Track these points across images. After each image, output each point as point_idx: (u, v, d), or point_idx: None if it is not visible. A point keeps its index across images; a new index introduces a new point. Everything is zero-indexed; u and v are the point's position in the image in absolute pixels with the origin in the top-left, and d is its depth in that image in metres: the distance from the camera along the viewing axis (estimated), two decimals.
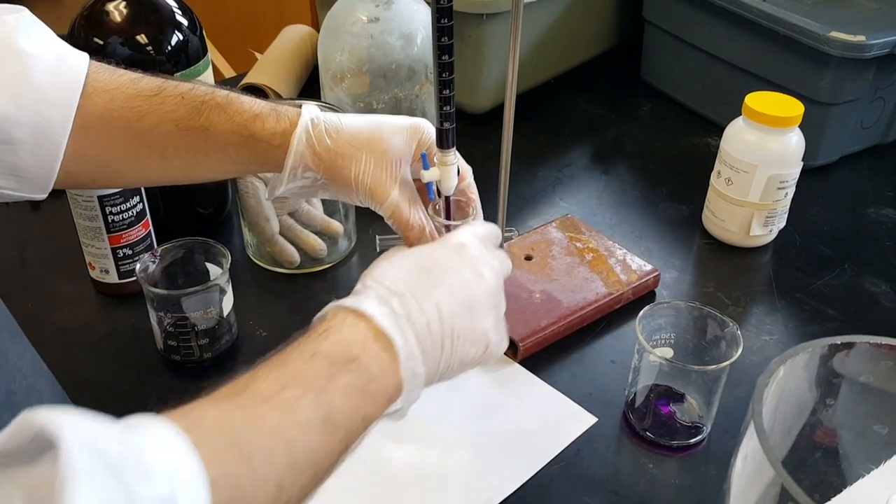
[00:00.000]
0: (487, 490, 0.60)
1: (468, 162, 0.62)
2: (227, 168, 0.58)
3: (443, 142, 0.56)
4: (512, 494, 0.60)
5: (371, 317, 0.46)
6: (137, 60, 0.73)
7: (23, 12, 0.53)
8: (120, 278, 0.76)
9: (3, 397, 0.39)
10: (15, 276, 0.81)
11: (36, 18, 0.55)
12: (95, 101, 0.55)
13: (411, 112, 0.88)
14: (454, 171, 0.58)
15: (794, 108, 0.79)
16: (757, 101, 0.80)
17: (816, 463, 0.44)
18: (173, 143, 0.56)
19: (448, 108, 0.55)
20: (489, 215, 0.83)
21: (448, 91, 0.54)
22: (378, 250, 0.84)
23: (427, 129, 0.59)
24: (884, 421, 0.40)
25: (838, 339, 0.36)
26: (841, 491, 0.45)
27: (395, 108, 0.86)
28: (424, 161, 0.58)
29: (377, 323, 0.46)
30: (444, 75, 0.54)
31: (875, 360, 0.37)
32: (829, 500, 0.45)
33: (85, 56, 0.56)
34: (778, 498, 0.34)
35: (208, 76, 0.79)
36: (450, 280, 0.50)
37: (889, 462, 0.44)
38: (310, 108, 0.58)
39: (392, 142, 0.57)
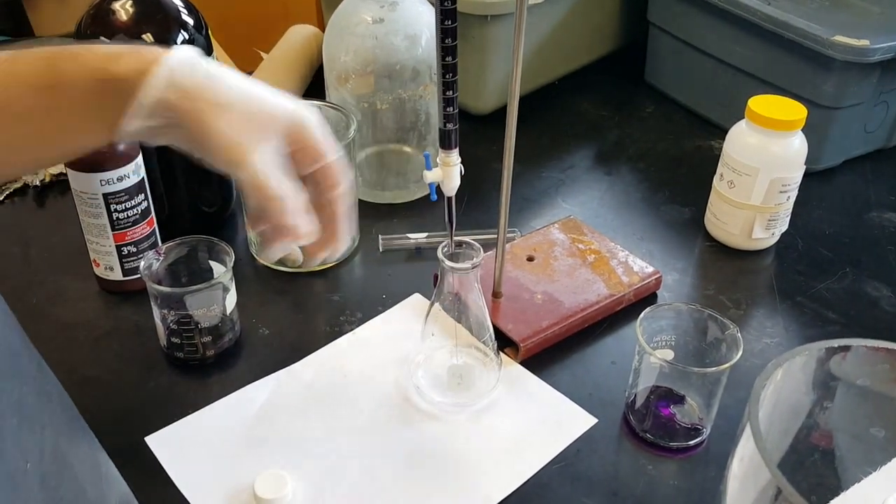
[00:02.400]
0: (487, 488, 0.61)
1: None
2: (90, 127, 0.50)
3: (446, 142, 0.56)
4: (512, 493, 0.60)
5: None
6: None
7: None
8: (124, 275, 0.76)
9: (15, 400, 0.39)
10: (19, 272, 0.82)
11: None
12: None
13: (415, 113, 0.88)
14: (457, 172, 0.59)
15: (796, 111, 0.80)
16: (760, 104, 0.80)
17: (813, 465, 0.44)
18: (26, 107, 0.49)
19: (451, 109, 0.55)
20: (492, 216, 0.84)
21: (451, 92, 0.55)
22: (381, 250, 0.84)
23: (306, 124, 0.52)
24: (881, 424, 0.40)
25: (835, 343, 0.36)
26: (838, 493, 0.45)
27: (400, 108, 0.87)
28: (427, 162, 0.58)
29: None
30: (447, 76, 0.54)
31: (872, 364, 0.37)
32: (826, 502, 0.45)
33: None
34: (773, 500, 0.34)
35: None
36: None
37: (887, 465, 0.44)
38: (183, 48, 0.50)
39: (274, 111, 0.51)
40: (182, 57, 0.49)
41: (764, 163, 0.80)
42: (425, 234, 0.85)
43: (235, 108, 0.49)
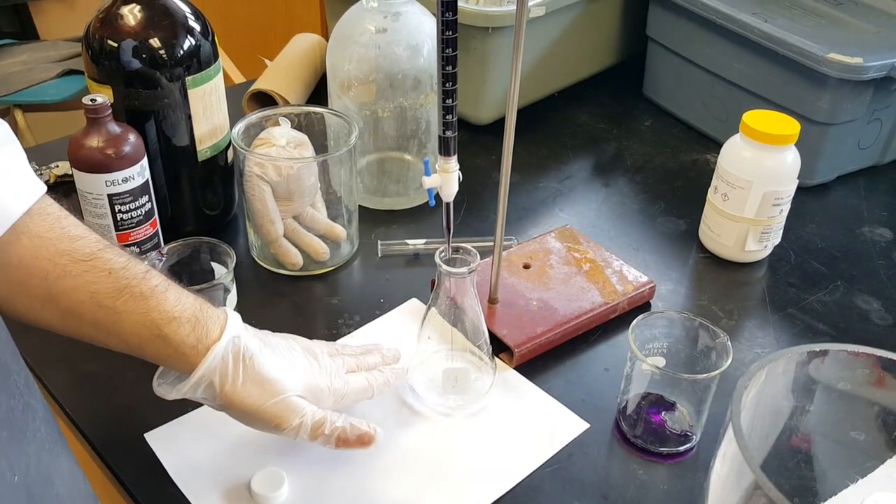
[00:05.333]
0: (480, 489, 0.62)
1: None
2: (126, 351, 0.56)
3: (445, 149, 0.58)
4: (504, 495, 0.62)
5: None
6: (150, 63, 0.75)
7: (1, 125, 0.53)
8: None
9: (4, 413, 0.40)
10: None
11: (12, 135, 0.53)
12: (23, 242, 0.52)
13: (416, 121, 0.89)
14: (455, 179, 0.60)
15: (790, 126, 0.81)
16: (754, 118, 0.82)
17: (796, 468, 0.45)
18: (81, 312, 0.54)
19: (450, 116, 0.56)
20: (490, 224, 0.85)
21: (451, 100, 0.56)
22: (379, 256, 0.86)
23: (322, 397, 0.60)
24: (860, 427, 0.41)
25: (816, 347, 0.38)
26: (819, 496, 0.46)
27: (401, 116, 0.88)
28: (426, 168, 0.59)
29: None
30: (447, 85, 0.55)
31: (852, 368, 0.38)
32: None
33: (40, 190, 0.54)
34: (753, 497, 0.35)
35: (219, 81, 0.81)
36: None
37: (873, 474, 0.45)
38: (233, 325, 0.57)
39: (294, 392, 0.58)
40: (231, 337, 0.56)
41: (757, 176, 0.81)
42: (424, 241, 0.86)
43: (267, 399, 0.56)
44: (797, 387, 0.40)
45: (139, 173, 0.74)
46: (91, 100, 0.72)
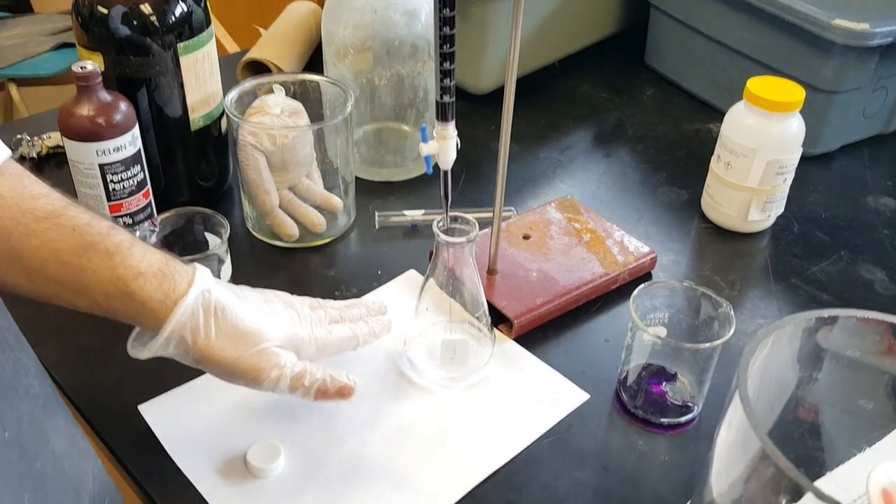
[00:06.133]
0: (479, 461, 0.61)
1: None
2: (95, 310, 0.55)
3: (442, 115, 0.56)
4: (503, 466, 0.61)
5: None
6: (141, 30, 0.73)
7: None
8: None
9: None
10: None
11: None
12: None
13: (413, 90, 0.88)
14: (453, 146, 0.59)
15: (795, 93, 0.79)
16: (758, 85, 0.80)
17: (801, 439, 0.44)
18: (46, 271, 0.53)
19: (448, 80, 0.55)
20: (489, 196, 0.83)
21: (449, 64, 0.54)
22: (377, 227, 0.84)
23: (303, 347, 0.59)
24: (869, 396, 0.40)
25: (824, 313, 0.37)
26: (825, 466, 0.45)
27: (398, 85, 0.87)
28: (423, 134, 0.58)
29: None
30: (444, 47, 0.54)
31: (861, 335, 0.37)
32: (811, 475, 0.45)
33: (4, 154, 0.53)
34: (761, 467, 0.34)
35: (211, 48, 0.79)
36: None
37: (881, 442, 0.44)
38: (201, 279, 0.55)
39: (272, 343, 0.57)
40: (201, 290, 0.54)
41: (761, 144, 0.79)
42: (422, 212, 0.85)
43: (242, 348, 0.55)
44: (804, 354, 0.39)
45: (131, 142, 0.72)
46: (81, 67, 0.70)
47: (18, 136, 0.95)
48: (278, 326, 0.58)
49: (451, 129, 0.57)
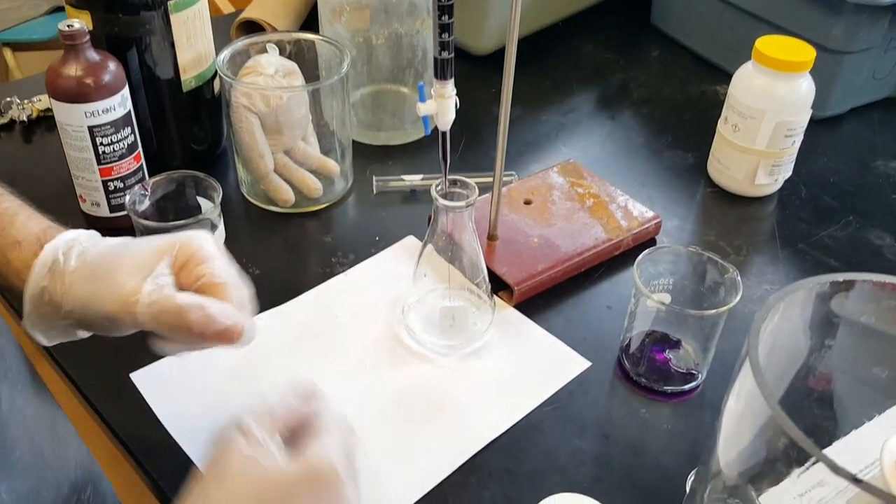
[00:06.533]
0: (477, 429, 0.60)
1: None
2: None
3: (440, 72, 0.54)
4: (503, 434, 0.60)
5: None
6: None
7: None
8: (111, 212, 0.74)
9: None
10: None
11: None
12: None
13: (412, 49, 0.85)
14: (452, 105, 0.56)
15: (804, 52, 0.77)
16: (767, 44, 0.78)
17: (809, 409, 0.43)
18: None
19: (447, 35, 0.53)
20: (490, 160, 0.81)
21: (447, 17, 0.52)
22: (375, 192, 0.83)
23: (186, 239, 0.50)
24: (884, 364, 0.39)
25: (839, 277, 0.35)
26: (835, 438, 0.44)
27: (396, 44, 0.84)
28: (421, 93, 0.56)
29: None
30: (443, 0, 0.51)
31: (877, 300, 0.36)
32: (821, 444, 0.44)
33: None
34: (771, 437, 0.33)
35: (203, 6, 0.77)
36: None
37: (892, 409, 0.43)
38: (67, 234, 0.51)
39: (128, 268, 0.48)
40: (64, 241, 0.49)
41: (770, 105, 0.77)
42: (421, 177, 0.83)
43: (99, 285, 0.48)
44: (816, 321, 0.37)
45: (120, 104, 0.70)
46: (68, 25, 0.68)
47: (8, 100, 0.93)
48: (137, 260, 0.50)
49: (449, 88, 0.55)
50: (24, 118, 0.91)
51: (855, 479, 0.28)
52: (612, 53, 1.09)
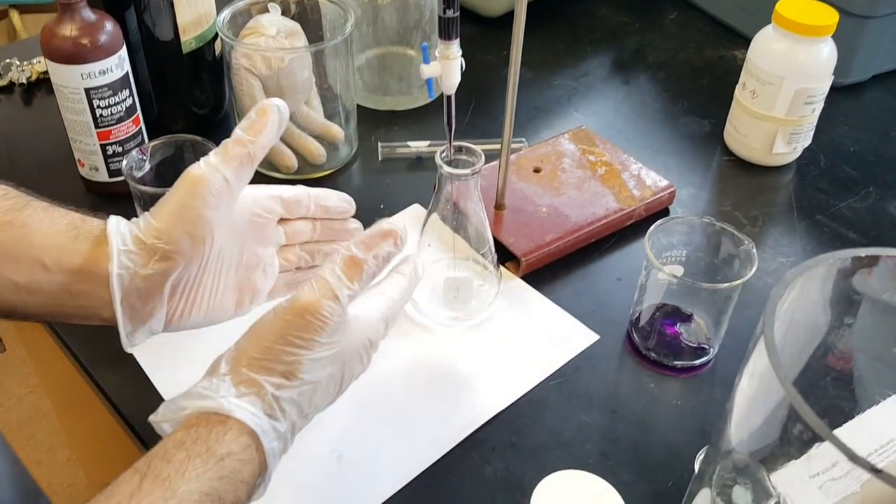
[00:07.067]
0: (482, 402, 0.58)
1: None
2: (33, 282, 0.47)
3: (445, 32, 0.52)
4: (507, 408, 0.58)
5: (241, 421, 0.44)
6: None
7: None
8: (110, 176, 0.73)
9: None
10: (3, 173, 0.79)
11: None
12: None
13: (419, 9, 0.82)
14: (457, 67, 0.54)
15: (827, 15, 0.74)
16: (788, 7, 0.74)
17: (825, 389, 0.41)
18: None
19: None
20: (499, 125, 0.79)
21: None
22: (380, 159, 0.80)
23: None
24: None
25: (862, 252, 0.33)
26: (850, 418, 0.42)
27: (403, 4, 0.81)
28: (425, 55, 0.53)
29: (249, 427, 0.44)
30: None
31: None
32: (838, 426, 0.42)
33: None
34: (785, 419, 0.31)
35: None
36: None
37: None
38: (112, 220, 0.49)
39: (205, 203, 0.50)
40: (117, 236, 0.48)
41: (790, 71, 0.74)
42: (427, 143, 0.81)
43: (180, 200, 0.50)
44: (836, 298, 0.35)
45: (118, 65, 0.68)
46: None
47: (7, 61, 0.91)
48: None
49: (454, 49, 0.53)
50: (24, 80, 0.90)
51: (874, 469, 0.26)
52: (628, 16, 1.06)
